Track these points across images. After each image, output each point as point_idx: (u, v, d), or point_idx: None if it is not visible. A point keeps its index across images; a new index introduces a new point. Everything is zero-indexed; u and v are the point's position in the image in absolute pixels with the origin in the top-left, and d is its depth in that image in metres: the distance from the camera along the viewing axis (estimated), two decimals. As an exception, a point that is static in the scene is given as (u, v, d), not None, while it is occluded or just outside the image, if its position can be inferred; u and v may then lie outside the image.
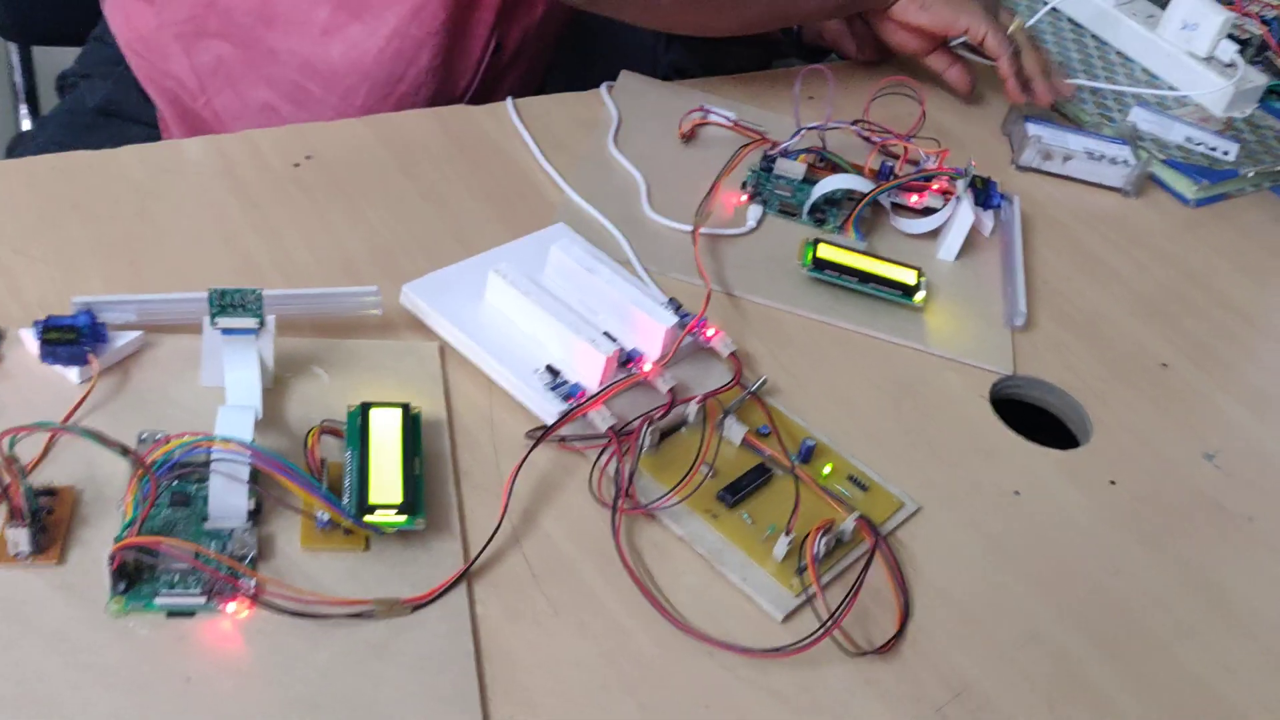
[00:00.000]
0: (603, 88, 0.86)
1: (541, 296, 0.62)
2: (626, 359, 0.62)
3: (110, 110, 0.93)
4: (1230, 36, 1.01)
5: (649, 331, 0.63)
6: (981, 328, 0.73)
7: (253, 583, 0.49)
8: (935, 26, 0.91)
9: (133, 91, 0.92)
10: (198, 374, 0.57)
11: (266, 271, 0.65)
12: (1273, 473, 0.68)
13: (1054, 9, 1.09)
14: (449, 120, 0.79)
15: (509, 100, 0.81)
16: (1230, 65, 1.00)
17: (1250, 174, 0.93)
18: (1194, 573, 0.61)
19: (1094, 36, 1.07)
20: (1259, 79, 1.01)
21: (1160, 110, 0.96)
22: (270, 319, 0.56)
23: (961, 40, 0.92)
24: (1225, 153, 0.94)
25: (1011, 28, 0.91)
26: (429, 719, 0.47)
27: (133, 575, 0.48)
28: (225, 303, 0.54)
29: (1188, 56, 1.01)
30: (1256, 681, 0.56)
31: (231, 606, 0.48)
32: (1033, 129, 0.90)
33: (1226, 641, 0.58)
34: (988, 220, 0.80)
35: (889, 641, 0.54)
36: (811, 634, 0.52)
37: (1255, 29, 1.08)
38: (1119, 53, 1.05)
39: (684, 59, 1.22)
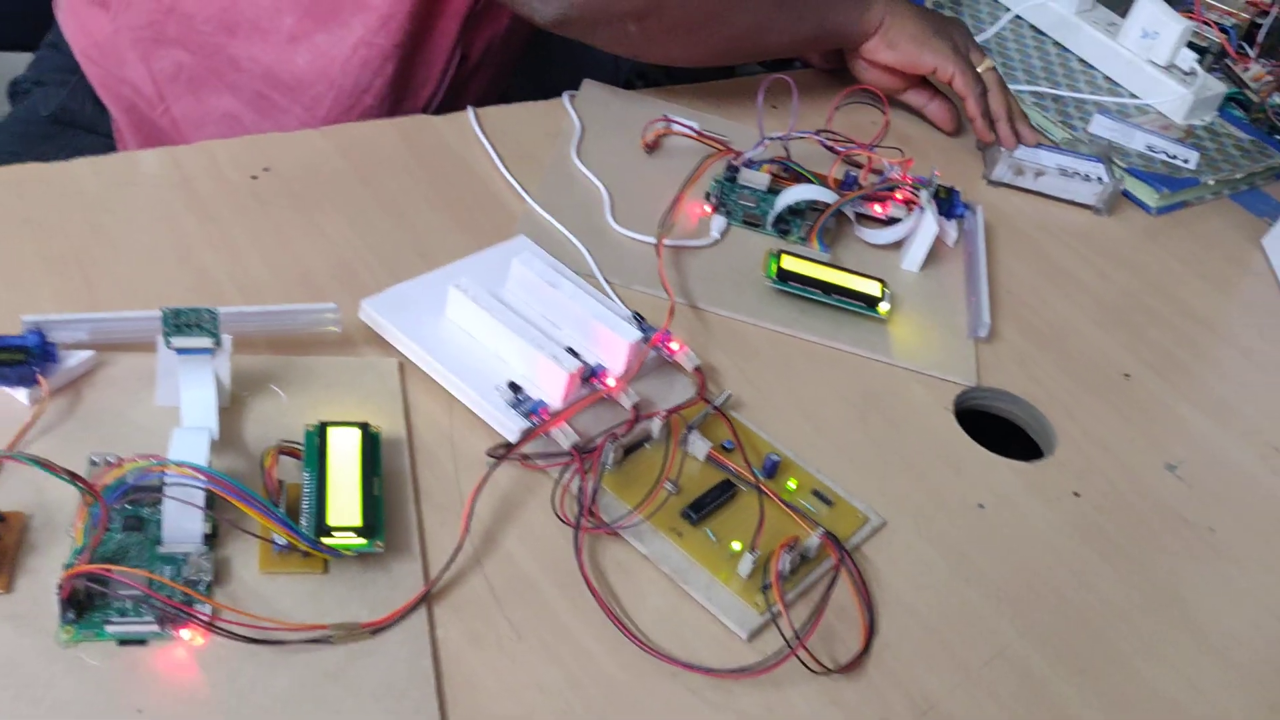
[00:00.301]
0: (565, 97, 0.85)
1: (503, 312, 0.61)
2: (589, 375, 0.61)
3: (64, 119, 0.91)
4: (1190, 45, 1.01)
5: (612, 346, 0.62)
6: (946, 339, 0.73)
7: (208, 609, 0.48)
8: (903, 65, 0.90)
9: (88, 100, 0.90)
10: (152, 394, 0.56)
11: (223, 287, 0.64)
12: (1233, 483, 0.69)
13: (1017, 16, 1.09)
14: (409, 131, 0.78)
15: (470, 110, 0.81)
16: (1190, 73, 1.01)
17: (1211, 182, 0.94)
18: (1158, 586, 0.61)
19: (1056, 44, 1.08)
20: (1218, 87, 1.02)
21: (1121, 118, 0.97)
22: (227, 338, 0.54)
23: None
24: (1186, 161, 0.94)
25: (981, 67, 0.90)
26: (389, 747, 0.46)
27: (83, 603, 0.47)
28: (180, 322, 0.53)
29: (1148, 64, 1.01)
30: (1220, 697, 0.56)
31: (186, 634, 0.47)
32: None
33: (1191, 656, 0.58)
34: (951, 230, 0.80)
35: (854, 660, 0.53)
36: (777, 654, 0.52)
37: (1214, 37, 1.08)
38: (1080, 60, 1.06)
39: (646, 65, 1.22)
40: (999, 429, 0.71)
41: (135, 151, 0.71)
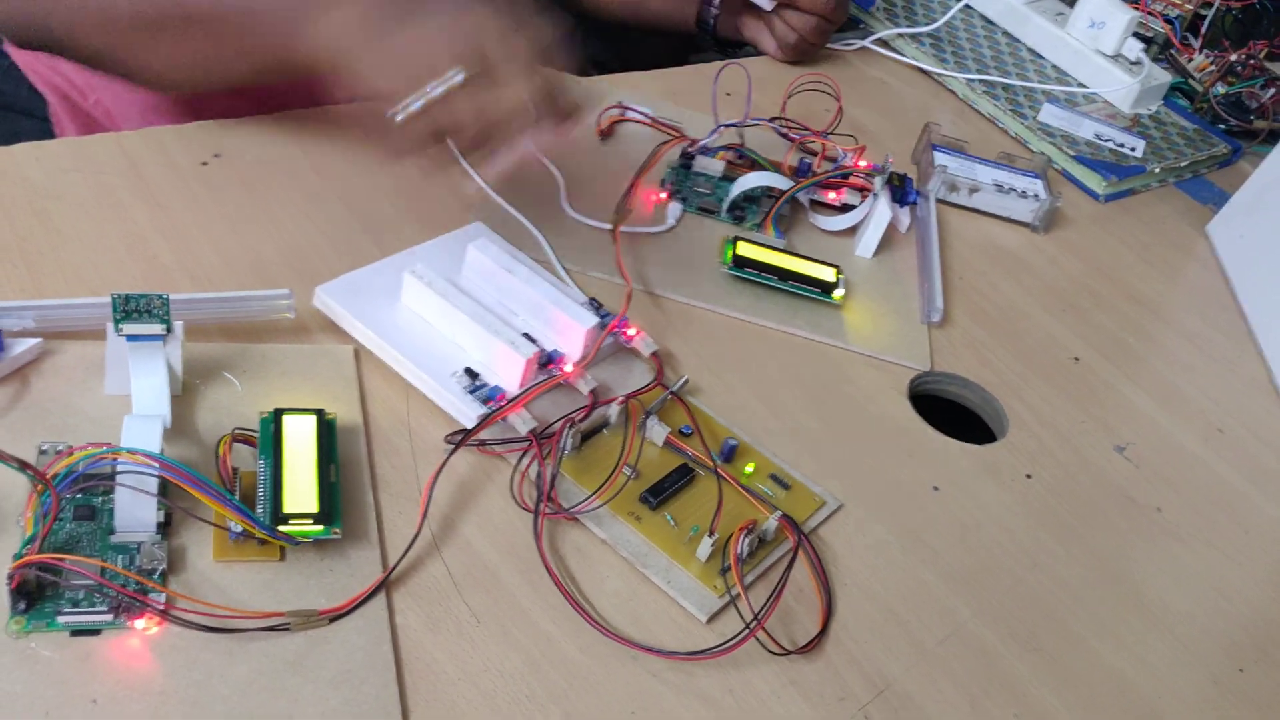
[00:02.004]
0: (519, 83, 0.84)
1: (459, 298, 0.61)
2: (546, 360, 0.61)
3: (1, 103, 0.89)
4: (1136, 35, 1.03)
5: (569, 332, 0.62)
6: (899, 324, 0.74)
7: (162, 598, 0.47)
8: None
9: (23, 84, 0.88)
10: (101, 382, 0.55)
11: (174, 274, 0.63)
12: (1179, 464, 0.70)
13: (967, 5, 1.10)
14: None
15: (424, 96, 0.80)
16: (1136, 63, 1.02)
17: (1156, 169, 0.95)
18: (1108, 565, 0.62)
19: (1005, 33, 1.09)
20: (1163, 77, 1.04)
21: (1070, 107, 0.98)
22: (178, 325, 0.54)
23: None
24: (1132, 149, 0.96)
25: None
26: (349, 734, 0.45)
27: (34, 594, 0.46)
28: (130, 308, 0.52)
29: (1095, 54, 1.03)
30: (1168, 672, 0.57)
31: (140, 623, 0.46)
32: (940, 158, 0.88)
33: (1139, 633, 0.59)
34: (904, 217, 0.81)
35: (812, 640, 0.54)
36: (736, 635, 0.52)
37: (1159, 28, 1.10)
38: (1030, 49, 1.07)
39: (601, 52, 1.22)
40: (952, 413, 0.71)
41: (81, 137, 0.70)
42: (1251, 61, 1.08)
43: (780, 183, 0.77)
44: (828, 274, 0.73)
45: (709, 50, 1.09)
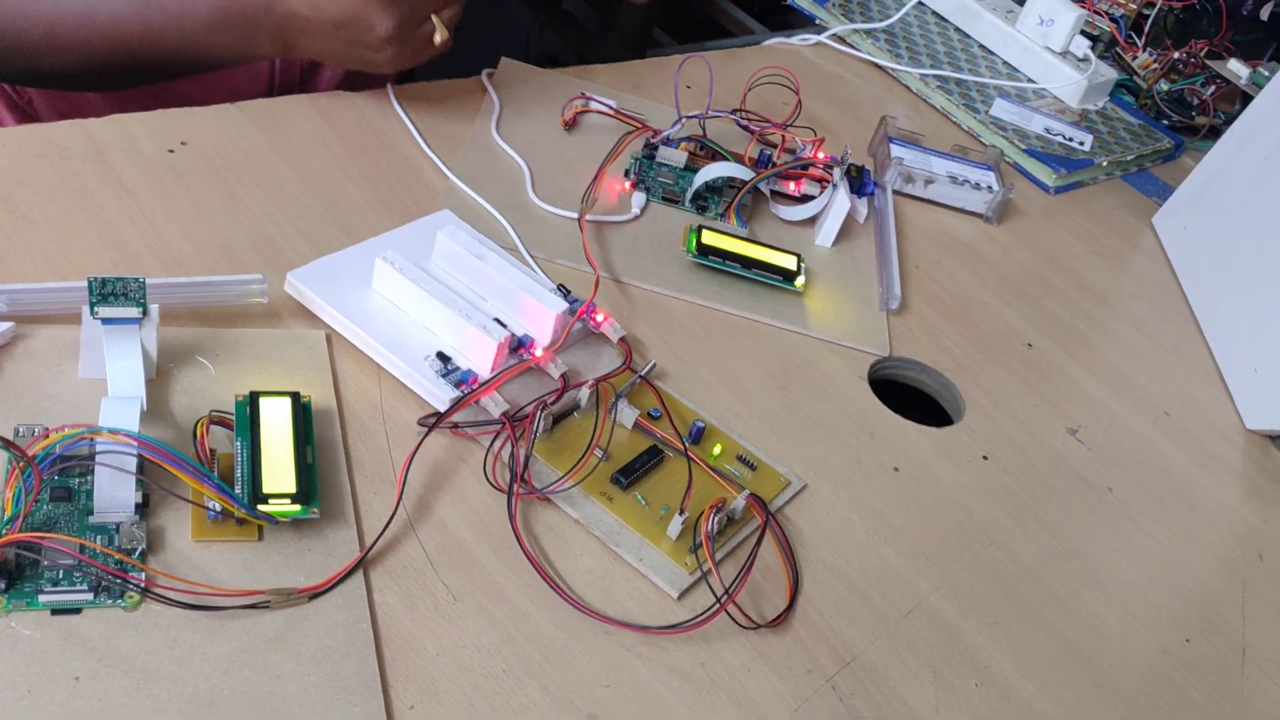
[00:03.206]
0: (484, 74, 0.85)
1: (430, 283, 0.62)
2: (517, 345, 0.62)
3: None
4: (1083, 33, 1.05)
5: (539, 317, 0.63)
6: (859, 311, 0.76)
7: (143, 576, 0.47)
8: None
9: None
10: (75, 366, 0.55)
11: (144, 260, 0.63)
12: (1129, 446, 0.72)
13: (920, 2, 1.13)
14: (327, 107, 0.78)
15: (389, 86, 0.81)
16: (1084, 60, 1.05)
17: (1104, 163, 0.98)
18: (1062, 542, 0.64)
19: (957, 29, 1.11)
20: (1109, 73, 1.07)
21: (1020, 102, 1.00)
22: (154, 308, 0.54)
23: None
24: (1081, 143, 0.99)
25: None
26: (331, 708, 0.46)
27: (13, 573, 0.46)
28: (106, 291, 0.53)
29: (1044, 51, 1.05)
30: (1120, 643, 0.60)
31: (121, 602, 0.47)
32: (896, 150, 0.90)
33: (1092, 606, 0.61)
34: (862, 207, 0.83)
35: (781, 615, 0.55)
36: (707, 609, 0.53)
37: (1105, 26, 1.13)
38: (981, 46, 1.10)
39: (557, 46, 1.23)
40: (910, 398, 0.73)
41: (47, 123, 0.70)
42: (1193, 60, 1.11)
43: (742, 173, 0.79)
44: (789, 262, 0.75)
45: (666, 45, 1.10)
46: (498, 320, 0.61)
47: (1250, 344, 0.79)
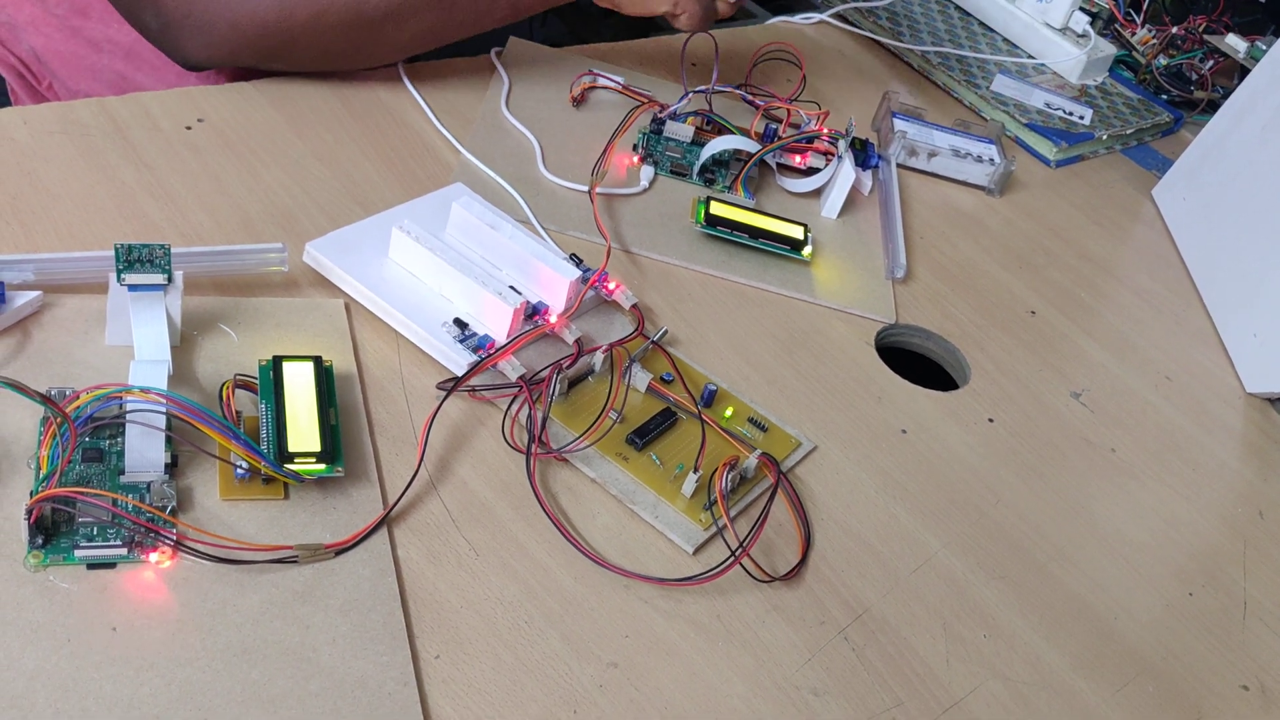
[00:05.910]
0: (493, 53, 0.87)
1: (447, 252, 0.63)
2: (532, 311, 0.63)
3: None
4: (1082, 9, 1.07)
5: (553, 285, 0.64)
6: (865, 280, 0.77)
7: (174, 530, 0.49)
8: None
9: None
10: (102, 334, 0.57)
11: (165, 232, 0.64)
12: (1131, 408, 0.74)
13: (919, -19, 1.14)
14: (340, 84, 0.79)
15: (399, 65, 0.82)
16: (1083, 36, 1.06)
17: (1103, 137, 0.99)
18: (1066, 500, 0.66)
19: (958, 7, 1.12)
20: (1108, 49, 1.08)
21: (1021, 78, 1.02)
22: (179, 274, 0.55)
23: None
24: (1080, 117, 1.00)
25: None
26: (359, 657, 0.48)
27: (50, 529, 0.48)
28: (132, 258, 0.54)
29: (1044, 27, 1.06)
30: (1121, 595, 0.61)
31: (154, 556, 0.48)
32: (899, 124, 0.91)
33: (1097, 561, 0.63)
34: (867, 179, 0.84)
35: (793, 569, 0.57)
36: (722, 562, 0.55)
37: (1104, 2, 1.14)
38: (981, 23, 1.11)
39: (558, 32, 1.24)
40: (917, 365, 0.74)
41: (66, 101, 0.71)
42: (1191, 35, 1.12)
43: (748, 146, 0.80)
44: (797, 232, 0.76)
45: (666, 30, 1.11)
46: (512, 288, 0.63)
47: (1249, 310, 0.81)
